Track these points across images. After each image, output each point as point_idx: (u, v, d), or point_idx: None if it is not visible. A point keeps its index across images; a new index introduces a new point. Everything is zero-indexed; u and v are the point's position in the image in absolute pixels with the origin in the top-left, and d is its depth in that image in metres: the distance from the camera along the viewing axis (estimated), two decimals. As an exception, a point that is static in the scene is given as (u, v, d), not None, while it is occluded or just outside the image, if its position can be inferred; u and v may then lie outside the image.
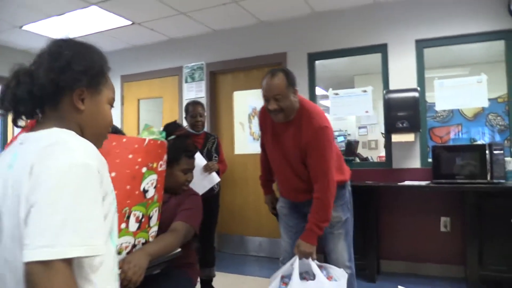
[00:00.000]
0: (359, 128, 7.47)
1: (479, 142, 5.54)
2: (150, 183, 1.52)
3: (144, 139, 1.48)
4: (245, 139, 4.78)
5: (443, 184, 3.21)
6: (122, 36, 4.52)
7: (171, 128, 1.81)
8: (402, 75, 3.69)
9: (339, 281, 1.97)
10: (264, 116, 2.24)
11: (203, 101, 4.43)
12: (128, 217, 1.45)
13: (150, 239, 1.60)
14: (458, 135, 6.32)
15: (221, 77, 4.59)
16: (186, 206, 1.88)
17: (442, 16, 3.55)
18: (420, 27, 3.62)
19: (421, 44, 3.65)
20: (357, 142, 5.91)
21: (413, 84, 3.63)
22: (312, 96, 4.04)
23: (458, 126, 6.45)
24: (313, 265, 1.98)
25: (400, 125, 3.48)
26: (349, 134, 9.06)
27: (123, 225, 1.43)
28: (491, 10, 3.39)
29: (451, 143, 6.03)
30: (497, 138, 6.00)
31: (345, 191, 2.28)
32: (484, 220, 3.11)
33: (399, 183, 3.44)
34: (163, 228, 1.69)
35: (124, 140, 1.45)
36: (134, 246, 1.51)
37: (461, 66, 5.66)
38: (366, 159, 5.82)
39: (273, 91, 2.01)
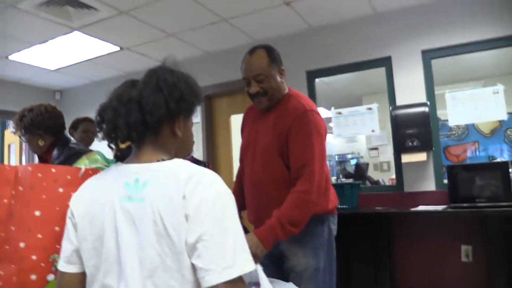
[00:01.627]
0: (370, 149, 7.12)
1: (498, 160, 5.13)
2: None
3: (79, 169, 1.20)
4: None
5: (462, 209, 2.83)
6: (113, 63, 4.35)
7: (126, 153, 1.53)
8: (410, 90, 3.38)
9: None
10: (247, 115, 1.95)
11: (198, 126, 4.18)
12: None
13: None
14: (475, 153, 5.92)
15: (216, 100, 4.35)
16: None
17: (449, 23, 3.26)
18: (425, 36, 3.33)
19: (428, 55, 3.36)
20: (367, 165, 5.56)
21: (422, 98, 3.31)
22: (314, 116, 3.74)
23: (475, 143, 6.05)
24: (261, 273, 1.30)
25: (410, 143, 3.15)
26: (361, 157, 8.71)
27: (50, 277, 1.13)
28: (502, 14, 3.09)
29: (468, 162, 5.62)
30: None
31: (323, 228, 1.70)
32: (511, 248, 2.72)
33: (412, 209, 3.06)
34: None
35: (53, 170, 1.18)
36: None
37: (474, 80, 5.33)
38: (377, 182, 5.45)
39: (253, 70, 1.67)
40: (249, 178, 1.77)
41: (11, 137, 5.40)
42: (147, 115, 0.94)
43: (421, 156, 3.17)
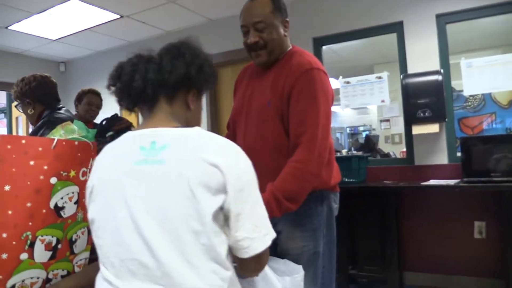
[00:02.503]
0: (381, 121, 6.93)
1: (517, 132, 4.91)
2: (66, 197, 1.15)
3: (52, 140, 1.11)
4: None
5: (476, 183, 2.69)
6: (115, 32, 4.21)
7: (107, 124, 1.44)
8: (423, 57, 3.18)
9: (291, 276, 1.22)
10: (242, 76, 1.73)
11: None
12: (32, 245, 1.08)
13: (77, 269, 1.23)
14: (492, 125, 5.69)
15: (221, 70, 4.21)
16: None
17: (467, -16, 3.02)
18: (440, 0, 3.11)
19: (443, 19, 3.13)
20: (377, 137, 5.41)
21: (436, 67, 3.11)
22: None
23: (492, 115, 5.80)
24: None
25: (422, 114, 2.98)
26: (373, 129, 8.53)
27: (23, 256, 1.06)
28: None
29: (484, 134, 5.41)
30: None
31: (323, 207, 1.51)
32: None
33: (422, 183, 2.93)
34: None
35: (23, 141, 1.09)
36: (47, 281, 1.14)
37: (491, 48, 5.03)
38: (388, 155, 5.32)
39: (253, 16, 1.46)
40: (241, 145, 1.61)
41: (18, 109, 5.38)
42: (166, 74, 0.95)
43: (433, 128, 3.01)
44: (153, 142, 0.89)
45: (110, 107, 2.09)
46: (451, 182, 2.83)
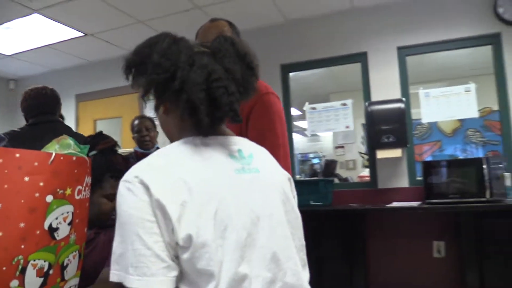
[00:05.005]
0: (336, 147, 7.17)
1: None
2: (61, 217, 1.06)
3: (50, 154, 1.03)
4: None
5: (437, 205, 2.85)
6: (75, 50, 4.06)
7: (93, 141, 1.36)
8: (385, 86, 3.38)
9: None
10: None
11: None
12: (23, 270, 0.97)
13: (66, 298, 1.12)
14: (436, 152, 6.09)
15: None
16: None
17: (424, 21, 3.29)
18: (401, 33, 3.35)
19: (404, 52, 3.37)
20: (335, 162, 5.57)
21: (397, 95, 3.32)
22: (287, 113, 3.65)
23: (437, 143, 6.23)
24: None
25: (386, 139, 3.13)
26: (324, 156, 8.77)
27: (13, 283, 0.95)
28: (476, 14, 3.15)
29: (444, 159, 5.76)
30: (477, 154, 5.80)
31: None
32: (483, 243, 2.77)
33: (387, 205, 3.05)
34: (92, 274, 1.22)
35: (17, 155, 0.99)
36: (35, 312, 1.02)
37: (447, 79, 5.43)
38: (346, 179, 5.47)
39: (215, 35, 1.44)
40: None
41: None
42: (246, 93, 0.88)
43: (396, 153, 3.17)
44: (239, 150, 0.86)
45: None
46: (414, 204, 2.98)
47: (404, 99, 3.22)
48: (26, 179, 0.98)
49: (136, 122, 2.84)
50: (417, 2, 3.32)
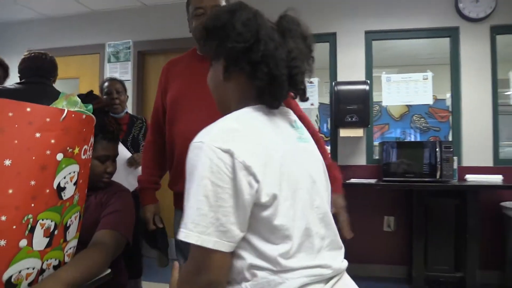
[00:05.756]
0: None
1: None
2: (68, 177, 1.02)
3: (62, 110, 0.98)
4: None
5: (393, 183, 3.06)
6: (31, 3, 3.72)
7: (84, 101, 1.30)
8: (351, 68, 3.50)
9: None
10: (169, 68, 1.64)
11: (129, 84, 3.82)
12: (33, 229, 0.93)
13: (66, 259, 1.09)
14: (384, 134, 6.47)
15: (151, 58, 4.02)
16: (113, 207, 1.37)
17: (391, 9, 3.43)
18: (370, 18, 3.46)
19: (370, 36, 3.50)
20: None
21: (361, 77, 3.46)
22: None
23: (386, 125, 6.60)
24: None
25: (350, 119, 3.28)
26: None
27: (22, 242, 0.91)
28: (439, 7, 3.34)
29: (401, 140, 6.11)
30: (420, 138, 6.25)
31: None
32: (430, 219, 3.05)
33: (346, 181, 3.23)
34: (83, 238, 1.19)
35: (28, 109, 0.93)
36: (41, 272, 1.00)
37: (406, 66, 5.70)
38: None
39: (211, 0, 1.45)
40: (187, 137, 1.49)
41: None
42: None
43: (359, 132, 3.34)
44: (295, 121, 0.94)
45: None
46: (372, 181, 3.18)
47: (368, 81, 3.37)
48: (37, 135, 0.93)
49: (106, 84, 2.69)
50: (387, -11, 3.44)
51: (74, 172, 1.04)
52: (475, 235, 2.90)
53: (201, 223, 0.74)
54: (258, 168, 0.76)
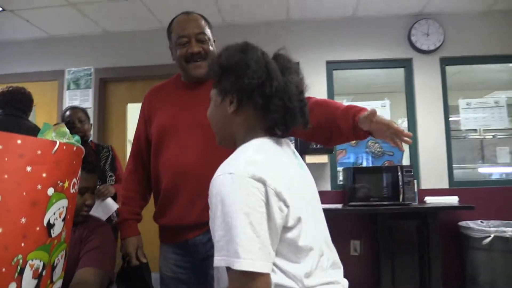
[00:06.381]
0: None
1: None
2: (57, 213, 0.96)
3: (54, 142, 0.93)
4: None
5: (359, 207, 3.15)
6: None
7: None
8: (313, 95, 3.60)
9: None
10: (152, 96, 1.59)
11: (90, 112, 3.69)
12: (22, 271, 0.86)
13: (51, 302, 1.01)
14: (342, 160, 6.69)
15: (113, 85, 3.92)
16: (94, 243, 1.31)
17: (350, 41, 3.62)
18: (330, 49, 3.64)
19: (331, 66, 3.67)
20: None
21: (324, 105, 3.59)
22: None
23: (343, 151, 6.85)
24: None
25: (315, 145, 3.37)
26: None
27: (11, 286, 0.84)
28: (394, 40, 3.58)
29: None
30: (374, 163, 6.53)
31: None
32: (395, 241, 3.15)
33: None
34: (64, 277, 1.12)
35: (19, 141, 0.88)
36: (25, 317, 0.91)
37: (365, 94, 5.96)
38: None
39: (195, 27, 1.46)
40: (175, 169, 1.39)
41: None
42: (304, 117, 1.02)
43: (323, 158, 3.44)
44: (294, 151, 1.02)
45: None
46: (339, 206, 3.25)
47: (332, 109, 3.49)
48: (28, 169, 0.88)
49: (68, 113, 2.57)
50: (346, 23, 3.64)
51: (63, 208, 0.98)
52: (437, 254, 3.03)
53: (252, 249, 0.77)
54: (286, 194, 0.84)
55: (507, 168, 4.09)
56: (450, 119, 3.55)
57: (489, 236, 2.91)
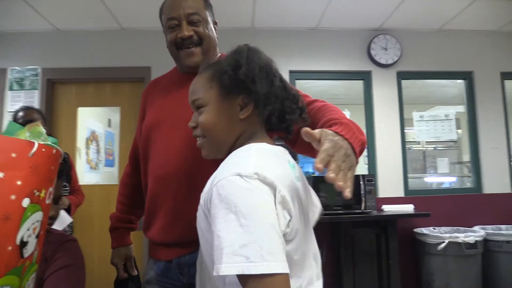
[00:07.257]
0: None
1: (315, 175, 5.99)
2: (32, 228, 0.81)
3: (32, 143, 0.78)
4: (81, 168, 3.95)
5: (321, 216, 3.14)
6: None
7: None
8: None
9: None
10: (148, 91, 1.40)
11: (36, 116, 3.37)
12: (-12, 302, 0.70)
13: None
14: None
15: (62, 87, 3.63)
16: (61, 261, 1.15)
17: (313, 52, 3.66)
18: (293, 58, 3.65)
19: (294, 76, 3.68)
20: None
21: (287, 114, 3.58)
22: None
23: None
24: None
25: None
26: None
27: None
28: (355, 53, 3.67)
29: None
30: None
31: None
32: (356, 249, 3.19)
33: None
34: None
35: (-11, 142, 0.73)
36: None
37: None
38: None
39: (185, 8, 1.21)
40: (160, 169, 1.19)
41: None
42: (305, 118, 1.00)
43: (286, 167, 3.40)
44: (288, 160, 0.91)
45: None
46: (301, 215, 3.23)
47: (295, 118, 3.49)
48: (0, 175, 0.73)
49: (21, 113, 2.32)
50: (310, 34, 3.68)
51: (37, 222, 0.83)
52: (395, 261, 3.11)
53: (276, 251, 0.70)
54: (291, 203, 0.78)
55: (449, 178, 4.36)
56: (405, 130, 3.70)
57: (444, 242, 3.04)
